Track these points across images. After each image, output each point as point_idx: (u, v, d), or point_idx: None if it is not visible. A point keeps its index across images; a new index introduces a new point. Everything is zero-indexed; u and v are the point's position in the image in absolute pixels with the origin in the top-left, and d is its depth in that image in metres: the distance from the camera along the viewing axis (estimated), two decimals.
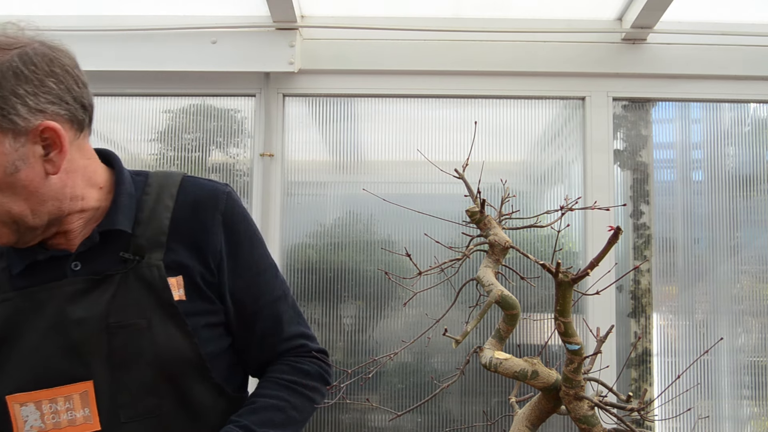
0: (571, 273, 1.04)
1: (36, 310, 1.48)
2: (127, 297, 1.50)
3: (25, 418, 1.45)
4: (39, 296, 1.48)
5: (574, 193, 3.15)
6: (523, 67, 3.12)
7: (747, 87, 3.15)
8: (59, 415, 1.46)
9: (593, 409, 1.10)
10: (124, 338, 1.49)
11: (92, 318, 1.48)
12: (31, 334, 1.47)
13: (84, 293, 1.49)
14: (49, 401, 1.46)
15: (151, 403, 1.51)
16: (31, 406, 1.45)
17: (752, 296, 3.13)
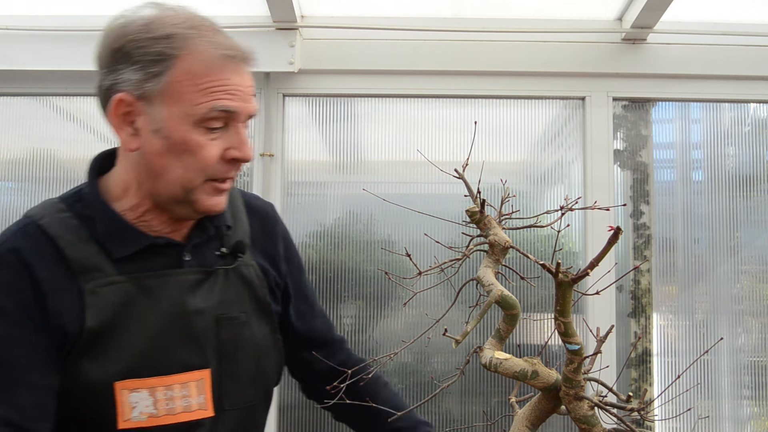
0: (571, 273, 1.04)
1: (149, 297, 1.48)
2: (229, 292, 1.58)
3: (133, 405, 1.44)
4: (152, 282, 1.49)
5: (574, 193, 3.15)
6: (523, 67, 3.12)
7: (747, 87, 3.15)
8: (174, 401, 1.47)
9: (593, 409, 1.10)
10: (229, 330, 1.56)
11: (209, 309, 1.54)
12: (146, 322, 1.47)
13: (199, 284, 1.54)
14: (165, 388, 1.47)
15: (249, 394, 1.57)
16: (143, 393, 1.44)
17: (752, 296, 3.13)
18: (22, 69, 3.09)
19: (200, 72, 1.42)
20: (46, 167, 3.17)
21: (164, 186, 1.47)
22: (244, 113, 1.47)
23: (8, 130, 3.21)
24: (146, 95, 1.43)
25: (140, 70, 1.43)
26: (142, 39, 1.43)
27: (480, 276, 1.19)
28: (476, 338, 2.92)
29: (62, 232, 1.46)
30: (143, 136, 1.45)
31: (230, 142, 1.46)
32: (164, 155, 1.44)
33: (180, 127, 1.42)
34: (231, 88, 1.44)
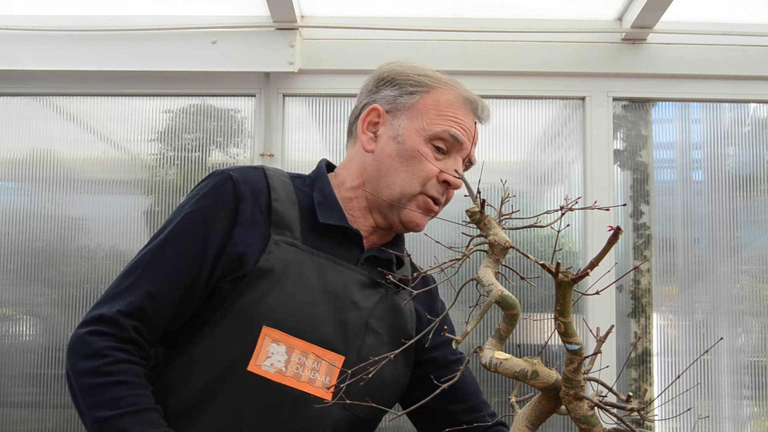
0: (571, 273, 1.04)
1: (320, 272, 1.64)
2: (384, 311, 1.72)
3: (269, 354, 1.55)
4: (327, 264, 1.66)
5: (574, 193, 3.15)
6: (523, 67, 3.12)
7: (747, 87, 3.15)
8: (303, 369, 1.58)
9: (593, 409, 1.10)
10: (373, 341, 1.68)
11: (365, 310, 1.68)
12: (309, 289, 1.62)
13: (363, 286, 1.70)
14: (301, 353, 1.58)
15: (363, 407, 1.60)
16: (282, 347, 1.56)
17: (752, 296, 3.13)
18: (22, 69, 3.09)
19: (444, 103, 1.71)
20: (46, 167, 3.17)
21: (386, 185, 1.71)
22: (466, 149, 1.73)
23: (8, 130, 3.21)
24: (395, 109, 1.73)
25: (398, 89, 1.74)
26: (408, 72, 1.76)
27: (480, 276, 1.19)
28: (476, 338, 2.92)
29: (279, 187, 1.68)
30: (381, 141, 1.73)
31: (448, 167, 1.70)
32: (395, 158, 1.70)
33: (415, 138, 1.69)
34: (463, 124, 1.71)
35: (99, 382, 1.47)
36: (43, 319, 3.08)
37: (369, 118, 1.77)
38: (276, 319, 1.56)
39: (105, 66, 3.07)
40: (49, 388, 3.02)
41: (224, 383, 1.55)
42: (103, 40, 3.06)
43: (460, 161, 1.73)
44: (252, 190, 1.64)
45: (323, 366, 1.59)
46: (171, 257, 1.58)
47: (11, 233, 3.11)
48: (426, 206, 1.72)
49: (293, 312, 1.58)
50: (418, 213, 1.72)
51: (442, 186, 1.71)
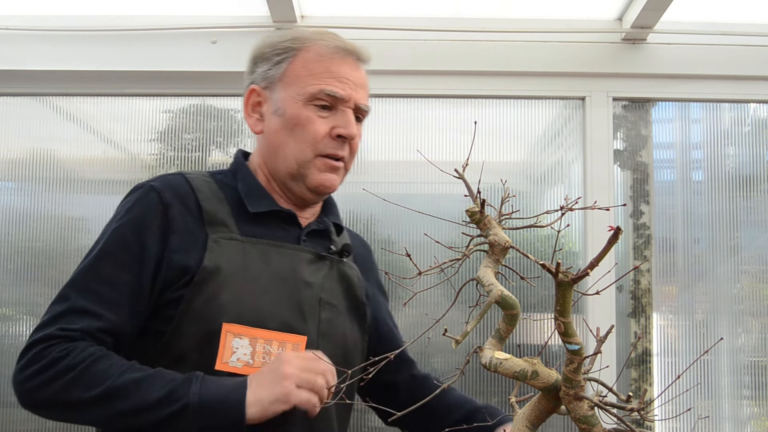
0: (571, 273, 1.04)
1: (265, 259, 1.65)
2: (333, 282, 1.74)
3: (234, 349, 1.56)
4: (270, 249, 1.67)
5: (574, 193, 3.15)
6: (523, 67, 3.12)
7: (747, 87, 3.15)
8: (270, 356, 1.59)
9: (593, 409, 1.10)
10: (329, 314, 1.70)
11: (316, 286, 1.70)
12: (259, 278, 1.63)
13: (310, 263, 1.72)
14: (265, 341, 1.59)
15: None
16: (245, 341, 1.57)
17: (752, 296, 3.13)
18: (22, 69, 3.09)
19: (313, 60, 1.71)
20: (46, 167, 3.17)
21: (282, 161, 1.71)
22: (352, 100, 1.71)
23: (8, 130, 3.21)
24: (270, 83, 1.74)
25: (268, 62, 1.75)
26: (274, 42, 1.76)
27: (480, 276, 1.19)
28: (476, 338, 2.92)
29: (203, 188, 1.68)
30: (266, 119, 1.75)
31: (336, 122, 1.70)
32: (281, 131, 1.71)
33: (293, 105, 1.69)
34: (340, 76, 1.70)
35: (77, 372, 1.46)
36: None
37: (250, 100, 1.79)
38: (234, 314, 1.57)
39: (105, 66, 3.07)
40: None
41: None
42: (103, 40, 3.06)
43: (349, 113, 1.72)
44: (177, 195, 1.64)
45: (288, 350, 1.60)
46: (107, 276, 1.56)
47: (11, 233, 3.11)
48: (327, 166, 1.71)
49: (249, 303, 1.60)
50: (322, 175, 1.71)
51: (337, 141, 1.71)
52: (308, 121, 1.68)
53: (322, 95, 1.68)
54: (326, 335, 1.68)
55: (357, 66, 1.76)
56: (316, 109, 1.69)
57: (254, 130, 1.78)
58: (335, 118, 1.70)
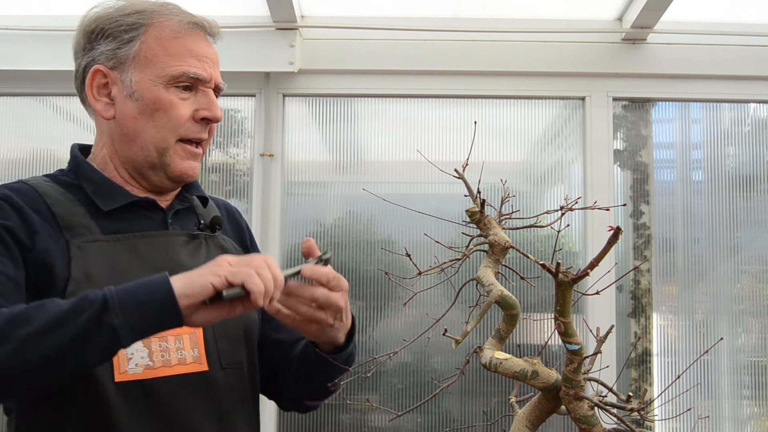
0: (571, 273, 1.04)
1: (136, 254, 1.53)
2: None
3: (129, 356, 1.45)
4: (139, 242, 1.54)
5: (574, 193, 3.14)
6: (524, 67, 3.12)
7: (747, 87, 3.15)
8: (169, 353, 1.49)
9: (593, 409, 1.10)
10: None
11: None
12: (134, 276, 1.42)
13: (184, 245, 1.60)
14: (159, 339, 1.48)
15: (240, 355, 1.57)
16: (138, 344, 1.41)
17: (752, 296, 3.13)
18: (22, 69, 3.09)
19: (168, 38, 1.55)
20: (46, 167, 3.17)
21: (139, 149, 1.56)
22: (212, 80, 1.59)
23: (8, 130, 3.21)
24: (120, 63, 1.56)
25: (114, 40, 1.56)
26: (115, 16, 1.57)
27: (480, 276, 1.19)
28: (476, 338, 2.92)
29: (50, 191, 1.52)
30: (118, 103, 1.57)
31: (199, 103, 1.57)
32: (138, 117, 1.55)
33: (152, 88, 1.54)
34: (199, 55, 1.57)
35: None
36: None
37: (95, 82, 1.58)
38: None
39: None
40: None
41: (102, 406, 1.42)
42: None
43: (210, 94, 1.60)
44: (25, 200, 1.48)
45: (185, 341, 1.51)
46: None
47: None
48: (188, 153, 1.61)
49: None
50: (185, 163, 1.60)
51: (200, 124, 1.59)
52: (170, 105, 1.54)
53: (185, 77, 1.55)
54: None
55: (209, 41, 1.63)
56: (177, 90, 1.55)
57: (104, 116, 1.59)
58: (197, 100, 1.58)
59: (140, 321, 1.25)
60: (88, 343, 1.23)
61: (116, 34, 1.56)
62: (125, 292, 1.26)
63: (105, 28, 1.57)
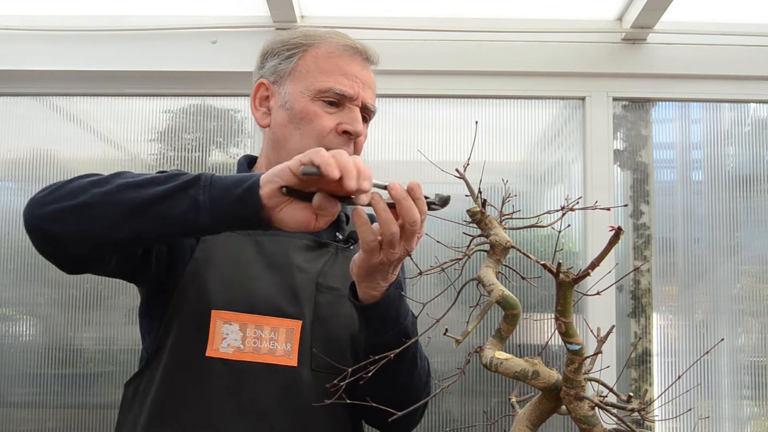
0: (572, 273, 1.04)
1: (259, 249, 1.68)
2: (335, 267, 1.73)
3: (224, 336, 1.58)
4: (264, 239, 1.69)
5: (574, 193, 3.14)
6: (523, 67, 3.12)
7: (747, 87, 3.15)
8: (261, 341, 1.59)
9: (594, 409, 1.10)
10: (328, 298, 1.69)
11: (311, 271, 1.69)
12: (251, 266, 1.65)
13: (307, 250, 1.72)
14: (255, 326, 1.60)
15: (339, 361, 1.58)
16: (235, 326, 1.59)
17: (752, 296, 3.13)
18: (22, 69, 3.09)
19: (323, 57, 1.72)
20: (46, 167, 3.17)
21: (286, 155, 1.64)
22: (359, 98, 1.71)
23: (8, 130, 3.21)
24: (279, 77, 1.74)
25: (278, 57, 1.75)
26: (285, 38, 1.77)
27: (481, 276, 1.19)
28: (477, 338, 2.92)
29: None
30: (273, 112, 1.74)
31: (343, 118, 1.69)
32: (287, 125, 1.70)
33: (301, 99, 1.69)
34: (349, 74, 1.71)
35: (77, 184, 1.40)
36: (42, 319, 3.08)
37: (258, 94, 1.78)
38: (222, 302, 1.59)
39: (105, 66, 3.07)
40: (49, 389, 3.02)
41: (187, 377, 1.58)
42: (103, 40, 3.06)
43: (356, 111, 1.72)
44: None
45: (281, 334, 1.61)
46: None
47: (11, 233, 3.11)
48: None
49: (238, 290, 1.61)
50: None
51: (343, 137, 1.70)
52: (315, 116, 1.68)
53: (331, 93, 1.68)
54: (324, 318, 1.67)
55: (365, 66, 1.78)
56: (323, 104, 1.69)
57: (261, 124, 1.77)
58: (342, 115, 1.70)
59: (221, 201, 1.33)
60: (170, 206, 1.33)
61: (281, 53, 1.75)
62: (218, 177, 1.36)
63: (275, 48, 1.77)
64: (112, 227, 1.35)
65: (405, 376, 1.65)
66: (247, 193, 1.32)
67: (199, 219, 1.32)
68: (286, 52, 1.74)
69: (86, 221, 1.35)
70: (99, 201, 1.35)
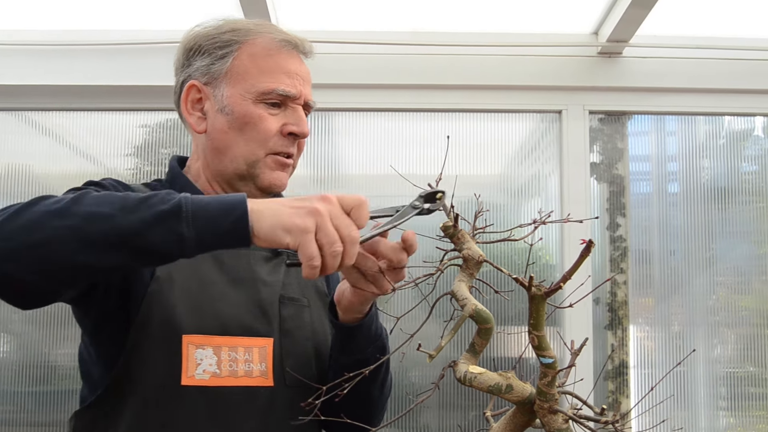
0: (544, 286, 1.05)
1: (220, 265, 1.59)
2: (291, 276, 1.67)
3: (198, 361, 1.50)
4: (224, 254, 1.59)
5: (551, 206, 3.16)
6: (500, 80, 3.13)
7: (722, 100, 3.18)
8: (237, 364, 1.53)
9: (568, 423, 1.11)
10: (291, 310, 1.64)
11: (275, 284, 1.64)
12: (216, 285, 1.56)
13: (266, 261, 1.65)
14: (229, 349, 1.53)
15: (307, 375, 1.57)
16: (209, 350, 1.51)
17: (728, 308, 3.15)
18: None
19: (261, 55, 1.63)
20: (22, 182, 3.15)
21: (229, 161, 1.62)
22: (302, 97, 1.66)
23: None
24: (213, 79, 1.64)
25: (209, 57, 1.65)
26: (212, 33, 1.67)
27: (454, 290, 1.20)
28: (452, 352, 2.92)
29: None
30: (210, 117, 1.64)
31: (288, 118, 1.63)
32: (229, 131, 1.61)
33: (242, 103, 1.60)
34: (290, 72, 1.64)
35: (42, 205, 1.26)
36: (17, 336, 3.05)
37: (189, 97, 1.67)
38: (193, 326, 1.51)
39: (81, 80, 3.05)
40: (23, 406, 2.99)
41: (162, 407, 1.48)
42: (79, 54, 3.05)
43: (299, 110, 1.66)
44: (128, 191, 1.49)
45: (255, 354, 1.55)
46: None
47: None
48: (277, 164, 1.63)
49: (206, 311, 1.53)
50: (273, 174, 1.63)
51: (288, 139, 1.64)
52: (259, 119, 1.60)
53: (274, 94, 1.61)
54: (290, 332, 1.62)
55: (302, 60, 1.70)
56: (266, 106, 1.61)
57: (196, 130, 1.66)
58: (286, 115, 1.64)
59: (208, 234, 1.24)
60: (150, 239, 1.23)
61: (211, 51, 1.65)
62: (198, 203, 1.25)
63: (202, 45, 1.67)
64: (82, 264, 1.24)
65: (377, 390, 1.66)
66: (237, 223, 1.24)
67: (183, 252, 1.25)
68: (218, 50, 1.65)
69: (49, 260, 1.22)
70: (61, 236, 1.22)
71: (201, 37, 1.68)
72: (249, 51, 1.64)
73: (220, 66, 1.64)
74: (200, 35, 1.69)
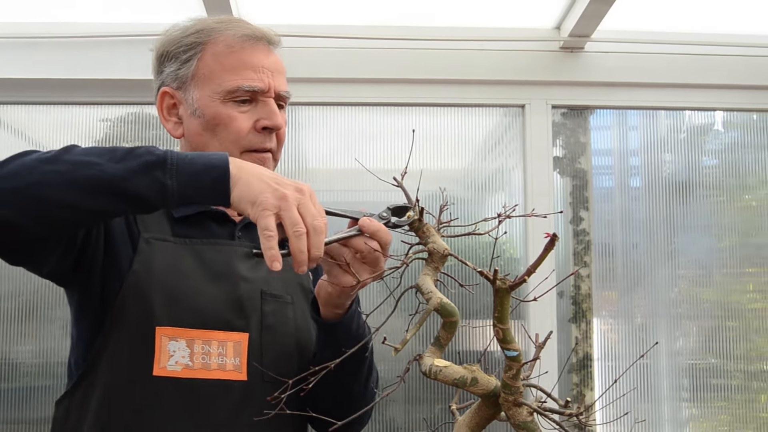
0: (508, 280, 1.05)
1: (200, 259, 1.60)
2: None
3: (171, 353, 1.51)
4: (204, 248, 1.61)
5: (515, 200, 3.17)
6: (463, 75, 3.13)
7: (683, 95, 3.21)
8: (210, 357, 1.53)
9: (532, 415, 1.11)
10: (273, 306, 1.63)
11: (255, 281, 1.63)
12: (193, 278, 1.57)
13: (249, 258, 1.64)
14: (203, 342, 1.53)
15: (286, 370, 1.54)
16: (182, 342, 1.52)
17: (690, 300, 3.18)
18: None
19: (224, 54, 1.62)
20: None
21: None
22: (271, 89, 1.64)
23: None
24: (182, 83, 1.64)
25: (176, 62, 1.64)
26: (178, 37, 1.66)
27: (419, 284, 1.20)
28: (418, 345, 2.93)
29: None
30: (185, 121, 1.65)
31: (259, 114, 1.63)
32: (203, 133, 1.62)
33: (211, 104, 1.60)
34: (255, 66, 1.63)
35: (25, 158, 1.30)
36: None
37: (164, 103, 1.68)
38: (166, 318, 1.52)
39: (40, 74, 3.01)
40: None
41: (132, 397, 1.49)
42: (39, 47, 3.01)
43: (270, 103, 1.65)
44: None
45: (229, 348, 1.56)
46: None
47: None
48: (254, 160, 1.61)
49: (182, 304, 1.54)
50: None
51: (263, 134, 1.64)
52: (229, 119, 1.60)
53: (240, 91, 1.60)
54: (271, 327, 1.61)
55: (269, 51, 1.69)
56: (235, 105, 1.61)
57: (174, 135, 1.68)
58: (257, 111, 1.63)
59: (189, 187, 1.29)
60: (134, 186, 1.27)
61: (178, 55, 1.65)
62: (183, 159, 1.29)
63: (169, 51, 1.66)
64: (68, 204, 1.27)
65: (360, 388, 1.65)
66: (217, 182, 1.28)
67: (166, 202, 1.28)
68: (183, 54, 1.64)
69: (37, 198, 1.26)
70: (51, 179, 1.25)
71: (168, 43, 1.67)
72: (212, 51, 1.63)
73: (186, 70, 1.64)
74: (167, 41, 1.68)
